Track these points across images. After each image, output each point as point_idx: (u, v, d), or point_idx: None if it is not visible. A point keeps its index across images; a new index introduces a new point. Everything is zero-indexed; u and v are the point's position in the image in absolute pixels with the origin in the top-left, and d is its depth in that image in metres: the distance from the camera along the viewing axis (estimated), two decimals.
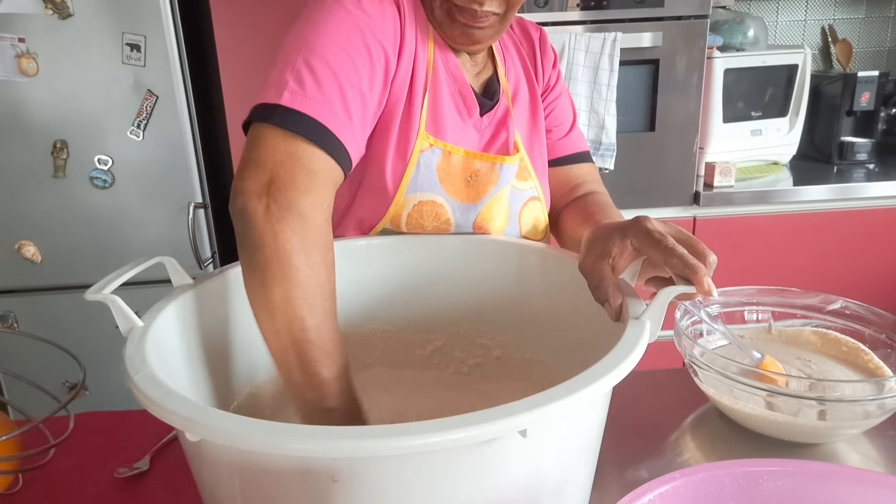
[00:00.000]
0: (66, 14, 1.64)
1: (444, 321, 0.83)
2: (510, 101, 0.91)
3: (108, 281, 0.59)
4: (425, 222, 0.82)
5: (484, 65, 0.91)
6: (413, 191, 0.80)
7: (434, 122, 0.81)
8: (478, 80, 0.90)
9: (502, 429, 0.41)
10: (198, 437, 0.42)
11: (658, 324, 0.55)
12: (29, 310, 1.84)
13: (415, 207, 0.81)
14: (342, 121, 0.67)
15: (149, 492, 0.71)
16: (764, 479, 0.47)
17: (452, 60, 0.85)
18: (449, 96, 0.84)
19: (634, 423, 0.79)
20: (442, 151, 0.81)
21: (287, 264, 0.59)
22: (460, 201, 0.84)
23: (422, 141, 0.80)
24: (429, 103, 0.81)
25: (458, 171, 0.83)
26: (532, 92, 0.95)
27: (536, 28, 1.00)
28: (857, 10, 2.45)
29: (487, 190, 0.85)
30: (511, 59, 0.95)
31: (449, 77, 0.84)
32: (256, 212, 0.60)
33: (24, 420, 0.69)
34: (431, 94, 0.81)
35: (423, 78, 0.80)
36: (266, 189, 0.61)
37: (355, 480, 0.43)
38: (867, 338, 0.83)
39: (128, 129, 1.73)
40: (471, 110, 0.86)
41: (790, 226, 1.99)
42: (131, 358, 0.51)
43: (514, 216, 0.89)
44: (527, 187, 0.90)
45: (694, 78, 1.89)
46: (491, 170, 0.85)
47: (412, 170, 0.80)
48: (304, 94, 0.66)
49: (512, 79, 0.93)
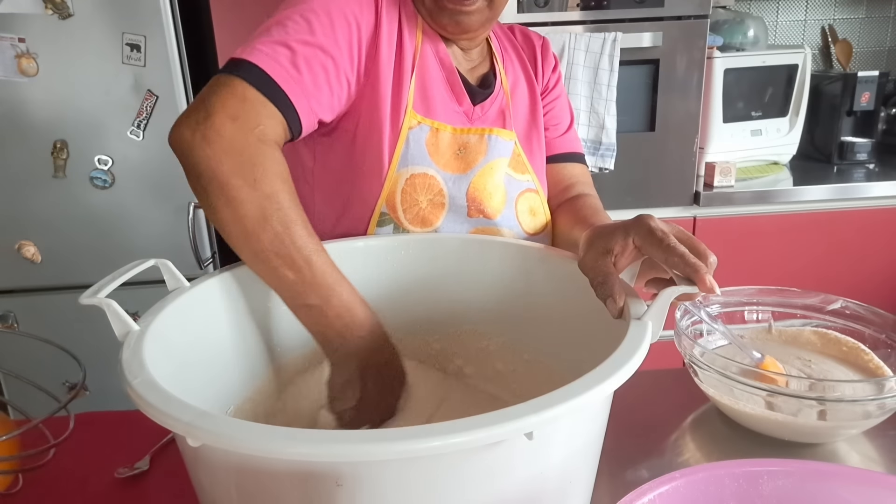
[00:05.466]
0: (66, 14, 1.64)
1: (444, 322, 0.82)
2: (509, 96, 0.93)
3: (104, 284, 0.59)
4: (419, 196, 0.84)
5: (480, 61, 0.94)
6: (404, 165, 0.83)
7: (422, 102, 0.85)
8: (473, 74, 0.93)
9: (508, 432, 0.40)
10: (200, 442, 0.42)
11: (660, 324, 0.55)
12: (29, 310, 1.84)
13: (407, 181, 0.83)
14: (294, 78, 0.71)
15: (149, 492, 0.71)
16: (764, 479, 0.47)
17: (442, 49, 0.88)
18: (437, 81, 0.87)
19: (634, 423, 0.79)
20: (430, 128, 0.85)
21: (227, 185, 0.62)
22: (451, 172, 0.86)
23: (410, 119, 0.83)
24: (416, 86, 0.84)
25: (447, 146, 0.86)
26: (532, 92, 0.97)
27: (539, 37, 1.03)
28: (857, 10, 2.45)
29: (477, 160, 0.87)
30: (510, 60, 0.97)
31: (437, 63, 0.87)
32: (187, 139, 0.63)
33: (24, 420, 0.69)
34: (419, 78, 0.85)
35: (411, 62, 0.84)
36: (200, 119, 0.64)
37: (360, 484, 0.43)
38: (867, 338, 0.83)
39: (128, 129, 1.73)
40: (460, 97, 0.89)
41: (790, 226, 1.99)
42: (128, 362, 0.50)
43: (511, 201, 0.91)
44: (523, 179, 0.93)
45: (694, 78, 1.89)
46: (479, 141, 0.88)
47: (402, 146, 0.83)
48: (261, 51, 0.71)
49: (510, 77, 0.95)
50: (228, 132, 0.64)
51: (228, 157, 0.63)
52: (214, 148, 0.63)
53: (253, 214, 0.62)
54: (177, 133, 0.64)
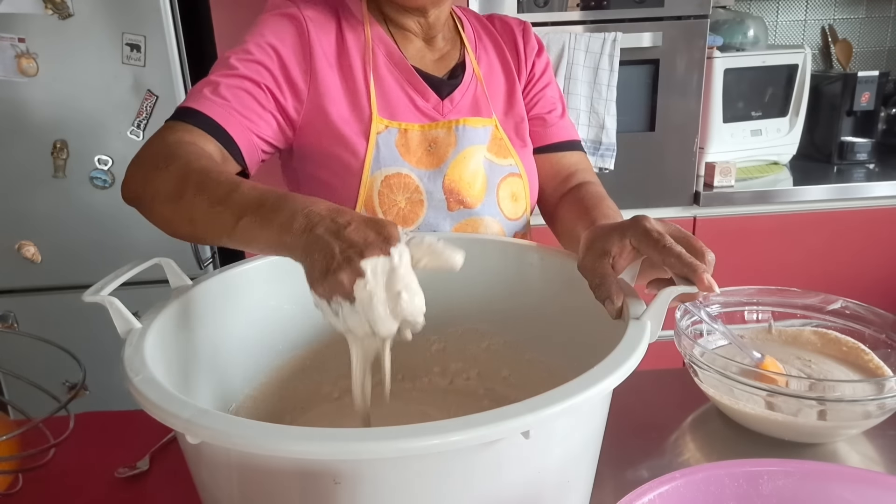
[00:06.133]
0: (66, 14, 1.64)
1: (443, 322, 0.82)
2: (483, 83, 0.94)
3: (106, 283, 0.59)
4: (397, 196, 0.86)
5: (448, 50, 0.95)
6: (377, 168, 0.85)
7: (386, 107, 0.87)
8: (442, 65, 0.94)
9: (505, 430, 0.41)
10: (199, 439, 0.42)
11: (658, 324, 0.55)
12: (29, 310, 1.84)
13: (383, 183, 0.85)
14: (214, 101, 0.77)
15: (149, 492, 0.71)
16: (764, 479, 0.47)
17: (394, 51, 0.89)
18: (395, 84, 0.89)
19: (634, 423, 0.79)
20: (398, 130, 0.86)
21: (151, 190, 0.66)
22: (424, 168, 0.88)
23: (377, 124, 0.86)
24: (377, 92, 0.87)
25: (417, 144, 0.88)
26: (509, 78, 0.98)
27: (520, 22, 1.03)
28: (857, 10, 2.45)
29: (448, 153, 0.89)
30: (484, 47, 0.98)
31: (391, 67, 0.89)
32: (126, 190, 0.71)
33: (24, 420, 0.69)
34: (378, 84, 0.87)
35: (362, 71, 0.87)
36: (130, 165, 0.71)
37: (358, 482, 0.43)
38: (867, 338, 0.83)
39: (128, 129, 1.73)
40: (425, 94, 0.90)
41: (790, 226, 1.99)
42: (130, 360, 0.51)
43: (493, 187, 0.92)
44: (506, 163, 0.93)
45: (694, 78, 1.89)
46: (448, 133, 0.89)
47: (372, 149, 0.85)
48: (189, 96, 0.78)
49: (484, 65, 0.97)
50: (143, 156, 0.70)
51: (142, 170, 0.69)
52: (134, 176, 0.69)
53: (173, 188, 0.64)
54: (123, 192, 0.71)
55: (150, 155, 0.70)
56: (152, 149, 0.71)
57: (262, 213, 0.56)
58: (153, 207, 0.66)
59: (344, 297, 0.50)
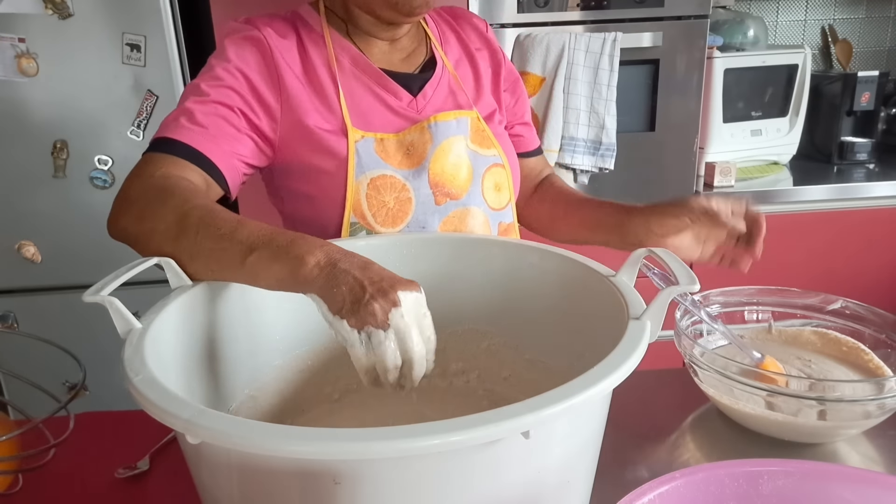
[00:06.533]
0: (66, 14, 1.64)
1: (443, 322, 0.82)
2: (455, 74, 0.95)
3: (106, 282, 0.59)
4: (386, 197, 0.86)
5: (415, 47, 0.96)
6: (361, 172, 0.85)
7: (358, 117, 0.88)
8: (410, 63, 0.95)
9: (505, 430, 0.41)
10: (199, 439, 0.42)
11: (658, 324, 0.55)
12: (29, 310, 1.84)
13: (369, 186, 0.85)
14: (191, 129, 0.78)
15: (149, 492, 0.71)
16: (764, 479, 0.47)
17: (358, 56, 0.90)
18: (365, 91, 0.89)
19: (634, 423, 0.79)
20: (374, 139, 0.87)
21: (147, 231, 0.68)
22: (406, 168, 0.88)
23: (353, 134, 0.86)
24: (347, 103, 0.87)
25: (395, 150, 0.88)
26: (475, 68, 0.99)
27: (481, 20, 1.05)
28: (857, 10, 2.45)
29: (426, 150, 0.89)
30: (448, 40, 1.00)
31: (357, 73, 0.89)
32: (112, 226, 0.74)
33: (24, 420, 0.69)
34: (347, 95, 0.88)
35: (332, 83, 0.87)
36: (115, 203, 0.74)
37: (358, 482, 0.43)
38: (867, 338, 0.83)
39: (128, 129, 1.73)
40: (396, 93, 0.90)
41: (790, 226, 1.99)
42: (130, 360, 0.50)
43: (478, 177, 0.92)
44: (490, 154, 0.94)
45: (694, 78, 1.89)
46: (422, 133, 0.89)
47: (353, 157, 0.85)
48: (163, 127, 0.80)
49: (453, 57, 0.98)
50: (133, 192, 0.71)
51: (135, 207, 0.69)
52: (127, 212, 0.71)
53: (173, 225, 0.65)
54: (112, 228, 0.73)
55: (141, 191, 0.71)
56: (141, 184, 0.72)
57: (273, 249, 0.58)
58: (149, 245, 0.67)
59: (377, 326, 0.52)
